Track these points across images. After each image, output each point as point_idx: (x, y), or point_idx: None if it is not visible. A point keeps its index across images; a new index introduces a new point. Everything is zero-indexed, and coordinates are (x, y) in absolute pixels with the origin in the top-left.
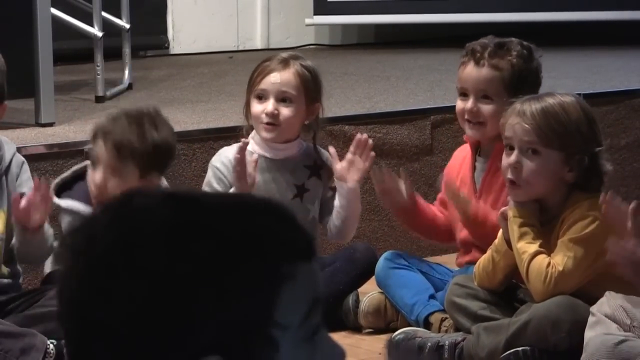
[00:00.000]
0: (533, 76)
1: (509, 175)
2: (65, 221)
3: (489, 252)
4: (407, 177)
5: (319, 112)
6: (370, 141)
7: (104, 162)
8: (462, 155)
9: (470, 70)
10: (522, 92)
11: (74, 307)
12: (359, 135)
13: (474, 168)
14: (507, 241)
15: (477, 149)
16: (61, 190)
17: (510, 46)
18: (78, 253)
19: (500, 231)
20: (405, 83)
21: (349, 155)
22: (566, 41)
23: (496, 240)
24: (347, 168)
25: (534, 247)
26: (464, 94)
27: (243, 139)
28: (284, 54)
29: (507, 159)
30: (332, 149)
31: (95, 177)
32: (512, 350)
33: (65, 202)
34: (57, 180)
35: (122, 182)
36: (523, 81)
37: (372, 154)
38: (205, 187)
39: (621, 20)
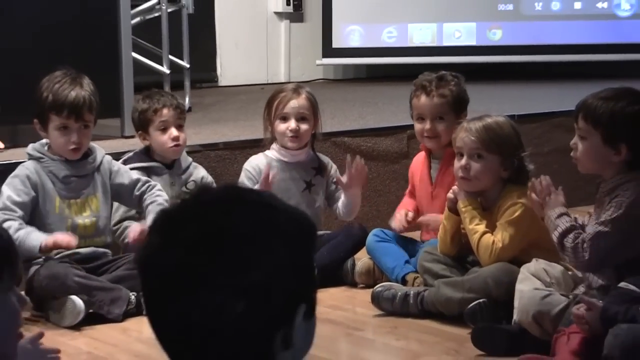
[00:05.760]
0: (465, 96)
1: (461, 174)
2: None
3: (442, 223)
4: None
5: (319, 124)
6: (366, 168)
7: (174, 123)
8: (420, 159)
9: (424, 101)
10: (461, 108)
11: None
12: (358, 160)
13: (429, 168)
14: (450, 209)
15: (430, 154)
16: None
17: (447, 78)
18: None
19: (446, 202)
20: (388, 107)
21: (351, 174)
22: (507, 77)
23: (444, 212)
24: (350, 181)
25: (482, 227)
26: (421, 118)
27: (270, 173)
28: (292, 85)
29: (459, 163)
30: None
31: (172, 134)
32: (475, 302)
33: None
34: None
35: (182, 132)
36: (461, 101)
37: (366, 170)
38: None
39: (545, 62)
